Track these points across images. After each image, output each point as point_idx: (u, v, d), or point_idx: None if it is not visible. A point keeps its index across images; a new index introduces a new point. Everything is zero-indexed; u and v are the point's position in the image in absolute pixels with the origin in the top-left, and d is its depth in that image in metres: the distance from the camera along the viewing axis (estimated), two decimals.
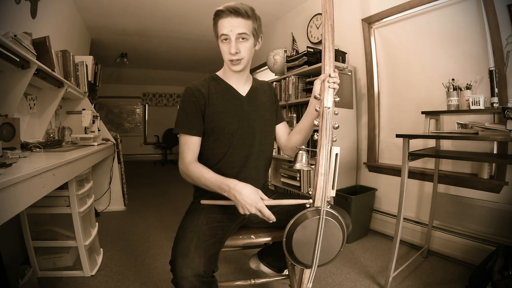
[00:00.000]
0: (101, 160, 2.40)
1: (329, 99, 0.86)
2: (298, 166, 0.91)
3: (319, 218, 0.82)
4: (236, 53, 0.96)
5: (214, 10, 0.98)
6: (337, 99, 0.87)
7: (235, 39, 0.95)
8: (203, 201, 0.93)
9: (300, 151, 0.92)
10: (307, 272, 0.89)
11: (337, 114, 0.86)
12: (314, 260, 0.84)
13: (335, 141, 0.84)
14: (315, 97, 0.89)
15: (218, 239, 0.90)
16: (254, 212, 0.85)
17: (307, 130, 1.06)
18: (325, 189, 0.83)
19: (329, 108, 0.85)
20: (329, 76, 0.86)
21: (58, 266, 1.61)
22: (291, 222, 0.84)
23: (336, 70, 0.87)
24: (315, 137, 0.85)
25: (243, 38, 0.96)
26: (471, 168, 1.76)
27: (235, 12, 0.94)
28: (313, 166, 0.86)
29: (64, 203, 1.51)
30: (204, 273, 0.76)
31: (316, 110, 0.88)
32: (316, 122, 0.86)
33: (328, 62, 0.87)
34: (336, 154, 0.82)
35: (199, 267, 0.75)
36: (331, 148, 0.82)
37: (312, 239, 0.83)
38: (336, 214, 0.85)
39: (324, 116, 0.85)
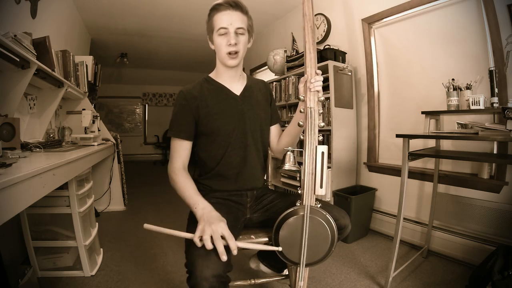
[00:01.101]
0: (101, 160, 2.40)
1: (311, 99, 0.87)
2: (286, 166, 0.94)
3: (303, 215, 0.83)
4: (235, 44, 0.97)
5: (210, 7, 0.98)
6: (322, 98, 0.88)
7: (233, 31, 0.97)
8: (146, 226, 0.79)
9: (288, 152, 0.94)
10: (305, 271, 0.90)
11: (321, 113, 0.88)
12: (301, 258, 0.85)
13: (321, 139, 0.86)
14: (299, 99, 0.90)
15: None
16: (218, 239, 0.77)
17: (295, 132, 1.06)
18: (311, 187, 0.84)
19: (312, 108, 0.87)
20: (310, 81, 0.87)
21: (58, 266, 1.61)
22: (279, 219, 0.86)
23: (318, 72, 0.89)
24: (301, 137, 0.87)
25: (240, 33, 0.98)
26: (471, 168, 1.76)
27: (235, 5, 0.96)
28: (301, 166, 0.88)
29: (64, 203, 1.51)
30: (223, 273, 0.76)
31: (301, 112, 0.89)
32: (300, 123, 0.88)
33: (310, 64, 0.89)
34: (322, 153, 0.83)
35: (219, 267, 0.75)
36: (316, 147, 0.84)
37: (298, 237, 0.85)
38: (324, 213, 0.86)
39: (307, 116, 0.86)
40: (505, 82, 1.52)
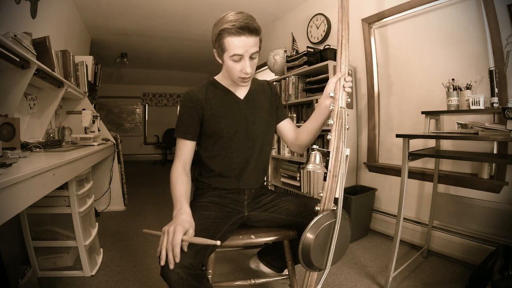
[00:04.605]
0: (101, 160, 2.40)
1: (343, 99, 0.85)
2: (310, 167, 0.87)
3: (335, 221, 0.82)
4: (250, 71, 0.95)
5: (223, 26, 0.87)
6: (349, 100, 0.86)
7: (248, 58, 0.92)
8: (145, 230, 0.87)
9: (313, 152, 0.88)
10: (314, 274, 0.89)
11: (348, 115, 0.84)
12: (328, 262, 0.84)
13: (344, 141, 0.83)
14: (330, 96, 0.88)
15: (210, 234, 0.89)
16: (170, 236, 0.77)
17: (317, 130, 1.05)
18: (341, 191, 0.82)
19: (344, 108, 0.84)
20: (345, 80, 0.85)
21: (58, 266, 1.61)
22: (308, 228, 0.81)
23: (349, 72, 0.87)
24: (329, 137, 0.83)
25: (254, 57, 0.95)
26: (471, 168, 1.76)
27: (250, 31, 0.88)
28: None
29: (64, 203, 1.51)
30: (190, 266, 0.76)
31: (331, 109, 0.86)
32: (331, 122, 0.84)
33: (344, 61, 0.86)
34: (346, 156, 0.81)
35: (185, 259, 0.75)
36: (343, 150, 0.81)
37: (327, 242, 0.83)
38: (346, 215, 0.85)
39: (337, 117, 0.83)
40: (505, 82, 1.52)
